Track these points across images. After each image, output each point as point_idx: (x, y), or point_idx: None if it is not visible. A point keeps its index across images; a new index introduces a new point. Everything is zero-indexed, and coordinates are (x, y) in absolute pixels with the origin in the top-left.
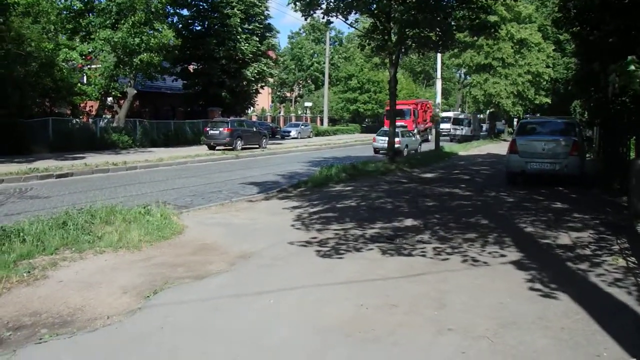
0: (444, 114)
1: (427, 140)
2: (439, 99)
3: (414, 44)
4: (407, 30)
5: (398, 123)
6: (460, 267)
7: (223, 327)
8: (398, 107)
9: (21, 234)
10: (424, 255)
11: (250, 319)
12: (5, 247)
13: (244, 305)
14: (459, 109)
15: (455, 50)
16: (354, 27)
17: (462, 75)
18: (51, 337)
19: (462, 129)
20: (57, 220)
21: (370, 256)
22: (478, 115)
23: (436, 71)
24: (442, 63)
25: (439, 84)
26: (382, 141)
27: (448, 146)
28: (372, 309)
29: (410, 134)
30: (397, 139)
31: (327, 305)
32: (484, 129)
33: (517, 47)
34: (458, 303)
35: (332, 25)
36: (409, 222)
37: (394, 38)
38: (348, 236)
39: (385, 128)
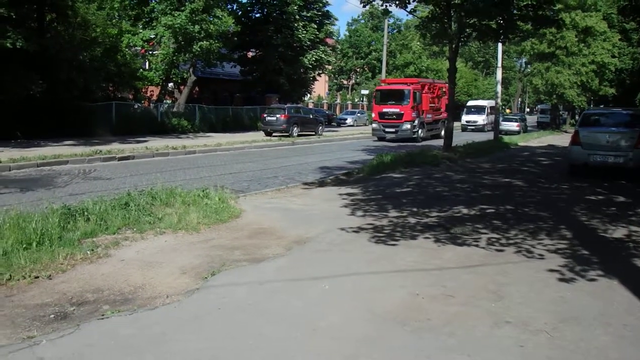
0: (474, 103)
1: (437, 136)
2: (499, 89)
3: (474, 33)
4: (467, 18)
5: (386, 109)
6: (519, 259)
7: (278, 310)
8: (390, 86)
9: (85, 213)
10: (481, 246)
11: (305, 303)
12: (70, 225)
13: (299, 290)
14: (519, 99)
15: (517, 39)
16: (413, 15)
17: (523, 64)
18: (113, 314)
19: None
20: (120, 201)
21: (426, 245)
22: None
23: (497, 59)
24: (503, 51)
25: (499, 73)
26: (389, 129)
27: (507, 136)
28: (428, 298)
29: (398, 128)
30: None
31: (382, 292)
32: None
33: (582, 35)
34: (517, 296)
35: (391, 13)
36: (465, 211)
37: (453, 26)
38: (403, 224)
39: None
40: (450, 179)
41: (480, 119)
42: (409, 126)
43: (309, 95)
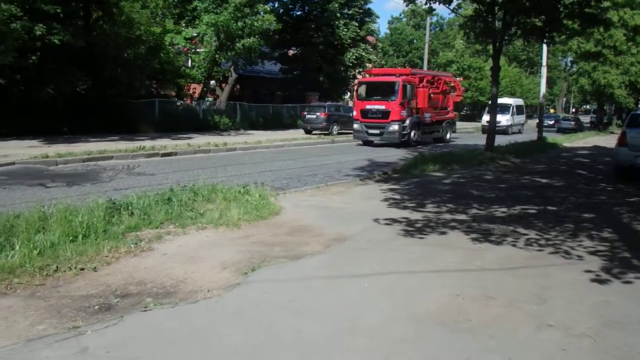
0: (503, 101)
1: (441, 140)
2: (543, 89)
3: (519, 31)
4: (511, 16)
5: (370, 106)
6: (561, 262)
7: (317, 308)
8: (376, 78)
9: (130, 208)
10: (522, 248)
11: (344, 301)
12: (115, 219)
13: (338, 288)
14: (564, 99)
15: (562, 38)
16: (457, 13)
17: (568, 63)
18: (155, 306)
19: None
20: (163, 196)
21: (467, 245)
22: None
23: (541, 57)
24: (548, 50)
25: (544, 72)
26: (373, 131)
27: (551, 137)
28: (468, 299)
29: (383, 129)
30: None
31: (421, 292)
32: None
33: (631, 34)
34: (559, 299)
35: (434, 11)
36: (506, 212)
37: (497, 24)
38: (444, 223)
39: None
40: (490, 179)
41: (504, 120)
42: (396, 127)
43: (349, 93)
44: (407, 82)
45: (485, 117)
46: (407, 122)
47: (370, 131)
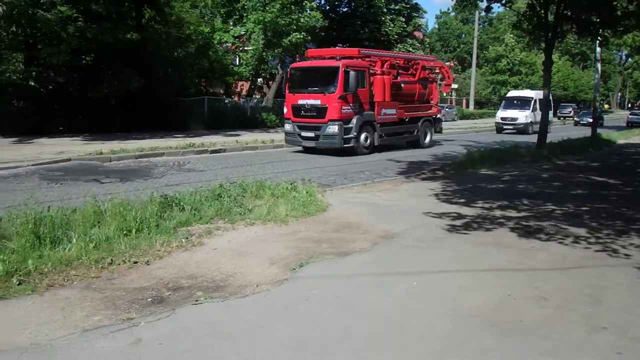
0: (516, 93)
1: (416, 144)
2: (597, 81)
3: (573, 27)
4: (565, 11)
5: (302, 101)
6: (618, 263)
7: (366, 305)
8: (311, 63)
9: (181, 203)
10: (577, 247)
11: (392, 299)
12: (167, 214)
13: (386, 285)
14: (619, 94)
15: (618, 34)
16: (508, 7)
17: (623, 57)
18: (206, 300)
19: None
20: (213, 192)
21: (518, 244)
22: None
23: (595, 53)
24: (600, 44)
25: (598, 67)
26: (306, 134)
27: (606, 133)
28: (520, 299)
29: (318, 132)
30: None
31: (472, 291)
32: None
33: None
34: (615, 301)
35: (492, 9)
36: (558, 211)
37: (550, 18)
38: (494, 221)
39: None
40: (543, 177)
41: (522, 116)
42: (335, 129)
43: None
44: (352, 67)
45: (501, 114)
46: (354, 121)
47: (304, 134)
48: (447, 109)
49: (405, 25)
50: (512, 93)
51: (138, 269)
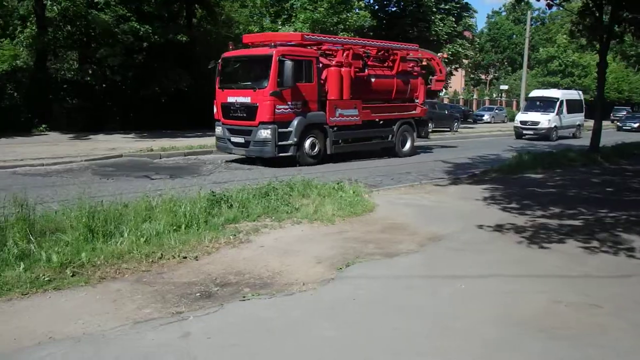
0: (540, 93)
1: (390, 151)
2: None
3: (631, 28)
4: (622, 12)
5: (232, 98)
6: None
7: (412, 306)
8: (242, 51)
9: (229, 201)
10: (631, 254)
11: (440, 301)
12: (215, 211)
13: (433, 287)
14: None
15: None
16: (562, 7)
17: None
18: (253, 296)
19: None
20: (261, 190)
21: (569, 250)
22: None
23: None
24: None
25: None
26: (237, 139)
27: None
28: (569, 306)
29: (248, 138)
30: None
31: (520, 296)
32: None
33: None
34: None
35: (535, 4)
36: (611, 216)
37: (605, 18)
38: (544, 226)
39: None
40: (595, 182)
41: (544, 120)
42: (267, 134)
43: (444, 90)
44: (291, 56)
45: (520, 116)
46: (294, 124)
47: (234, 139)
48: (497, 111)
49: (455, 25)
50: (536, 93)
51: (187, 264)
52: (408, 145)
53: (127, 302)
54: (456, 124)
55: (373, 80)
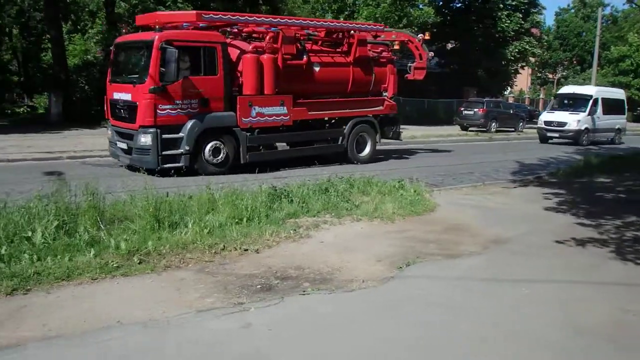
0: (570, 89)
1: (345, 157)
2: None
3: None
4: None
5: (117, 94)
6: None
7: (472, 309)
8: (129, 37)
9: (290, 196)
10: None
11: (501, 305)
12: (276, 205)
13: (495, 291)
14: None
15: None
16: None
17: None
18: (313, 291)
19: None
20: (320, 186)
21: (637, 258)
22: None
23: None
24: None
25: None
26: (122, 144)
27: None
28: (639, 316)
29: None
30: None
31: (586, 304)
32: None
33: None
34: None
35: (607, 1)
36: None
37: None
38: (611, 232)
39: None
40: None
41: (572, 121)
42: (147, 140)
43: (509, 89)
44: (178, 41)
45: (545, 116)
46: (186, 128)
47: (120, 144)
48: None
49: (522, 22)
50: (566, 89)
51: (248, 256)
52: (367, 149)
53: (190, 291)
54: (521, 123)
55: (317, 69)
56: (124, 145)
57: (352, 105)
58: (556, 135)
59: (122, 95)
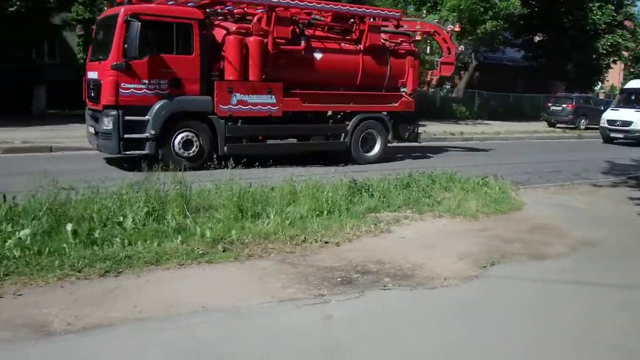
0: (636, 83)
1: (347, 155)
2: None
3: None
4: None
5: (90, 74)
6: None
7: (560, 315)
8: (105, 12)
9: (370, 190)
10: None
11: (591, 312)
12: (356, 199)
13: (585, 296)
14: None
15: None
16: None
17: None
18: (394, 287)
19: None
20: (401, 181)
21: None
22: None
23: None
24: None
25: None
26: (92, 127)
27: None
28: None
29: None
30: None
31: None
32: None
33: None
34: None
35: None
36: None
37: None
38: None
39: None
40: None
41: (637, 118)
42: (108, 123)
43: (600, 84)
44: (146, 15)
45: (608, 114)
46: (153, 110)
47: (90, 127)
48: None
49: (614, 14)
50: (633, 83)
51: (328, 249)
52: (376, 148)
53: (272, 281)
54: None
55: (318, 57)
56: (92, 129)
57: (358, 99)
58: (620, 135)
59: (92, 74)
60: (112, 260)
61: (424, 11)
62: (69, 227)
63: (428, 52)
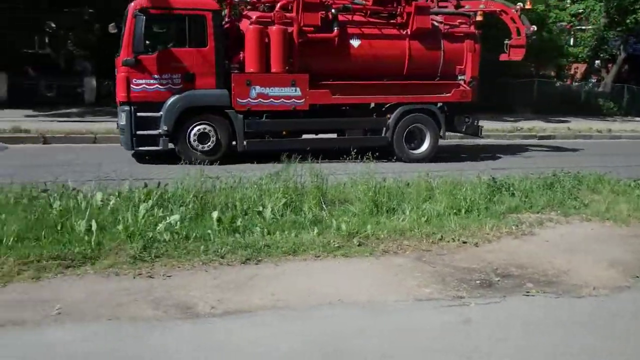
0: None
1: (390, 150)
2: None
3: None
4: None
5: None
6: None
7: None
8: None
9: (511, 189)
10: None
11: None
12: (496, 198)
13: None
14: None
15: None
16: None
17: None
18: (538, 293)
19: None
20: (545, 180)
21: None
22: None
23: None
24: None
25: None
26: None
27: None
28: None
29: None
30: None
31: None
32: None
33: None
34: None
35: None
36: None
37: None
38: None
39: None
40: None
41: None
42: (123, 118)
43: None
44: (155, 9)
45: None
46: (167, 105)
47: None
48: None
49: None
50: None
51: (467, 249)
52: (425, 145)
53: (407, 278)
54: None
55: (355, 44)
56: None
57: (401, 89)
58: None
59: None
60: (253, 249)
61: (568, 1)
62: (215, 214)
63: (572, 43)
